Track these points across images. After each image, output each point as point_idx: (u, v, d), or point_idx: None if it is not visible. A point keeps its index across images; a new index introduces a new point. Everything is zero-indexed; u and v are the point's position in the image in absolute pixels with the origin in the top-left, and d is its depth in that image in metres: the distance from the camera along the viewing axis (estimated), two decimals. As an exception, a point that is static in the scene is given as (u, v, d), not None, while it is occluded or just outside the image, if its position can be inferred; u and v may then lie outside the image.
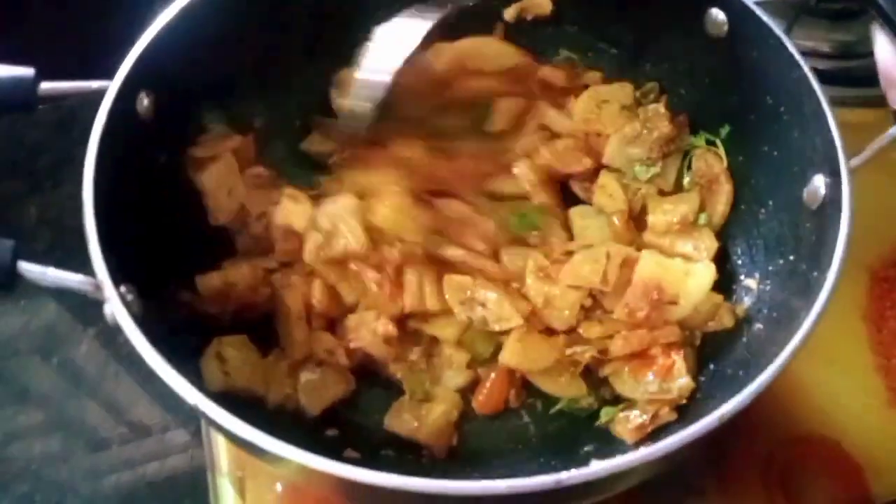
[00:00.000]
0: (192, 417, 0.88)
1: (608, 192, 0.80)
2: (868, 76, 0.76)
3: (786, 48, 0.68)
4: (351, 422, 0.73)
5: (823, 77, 0.67)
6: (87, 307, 0.57)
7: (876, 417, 0.79)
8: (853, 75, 0.92)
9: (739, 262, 0.78)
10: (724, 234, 0.79)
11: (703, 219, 0.78)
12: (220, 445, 0.78)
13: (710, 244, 0.76)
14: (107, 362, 1.03)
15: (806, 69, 0.67)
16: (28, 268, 0.56)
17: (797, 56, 0.68)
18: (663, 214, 0.77)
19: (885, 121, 0.66)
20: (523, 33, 0.87)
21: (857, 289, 0.86)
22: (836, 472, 0.76)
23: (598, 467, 0.49)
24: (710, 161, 0.80)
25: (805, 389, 0.79)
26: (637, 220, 0.80)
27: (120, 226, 0.62)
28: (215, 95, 0.77)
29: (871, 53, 0.72)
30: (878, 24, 0.69)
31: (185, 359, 0.67)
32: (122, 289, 0.58)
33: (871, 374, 0.81)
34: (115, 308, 0.56)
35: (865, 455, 0.76)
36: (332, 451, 0.64)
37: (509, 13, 0.86)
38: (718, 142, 0.80)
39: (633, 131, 0.81)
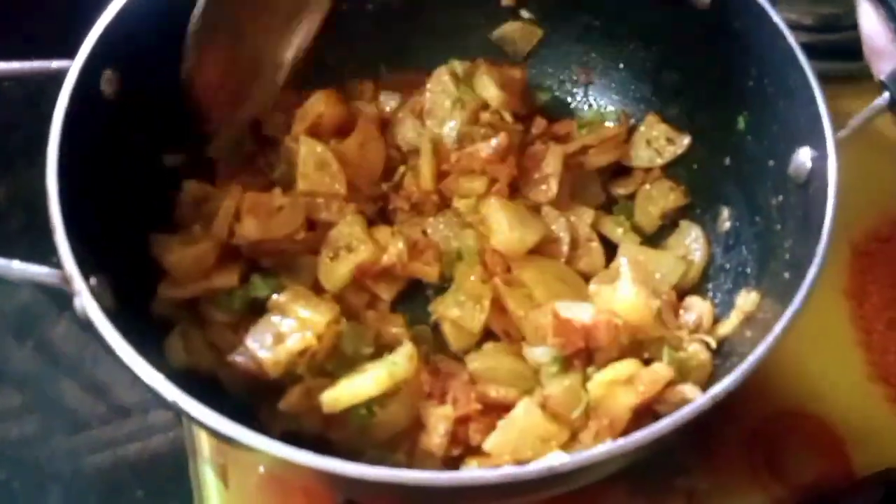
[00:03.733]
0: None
1: None
2: (851, 49, 0.75)
3: (770, 18, 0.67)
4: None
5: (806, 50, 0.66)
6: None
7: (857, 392, 0.80)
8: (836, 48, 0.91)
9: (730, 240, 0.78)
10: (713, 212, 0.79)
11: None
12: (202, 432, 0.77)
13: None
14: (85, 343, 1.00)
15: (791, 40, 0.66)
16: (-8, 260, 0.54)
17: (782, 26, 0.66)
18: None
19: (866, 94, 0.65)
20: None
21: (839, 263, 0.86)
22: (819, 446, 0.77)
23: (592, 452, 0.48)
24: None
25: (787, 366, 0.79)
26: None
27: (88, 214, 0.59)
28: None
29: (853, 26, 0.71)
30: (863, -7, 0.67)
31: (162, 352, 0.66)
32: (92, 280, 0.55)
33: (852, 349, 0.82)
34: (86, 302, 0.53)
35: (847, 429, 0.77)
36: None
37: None
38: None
39: None
